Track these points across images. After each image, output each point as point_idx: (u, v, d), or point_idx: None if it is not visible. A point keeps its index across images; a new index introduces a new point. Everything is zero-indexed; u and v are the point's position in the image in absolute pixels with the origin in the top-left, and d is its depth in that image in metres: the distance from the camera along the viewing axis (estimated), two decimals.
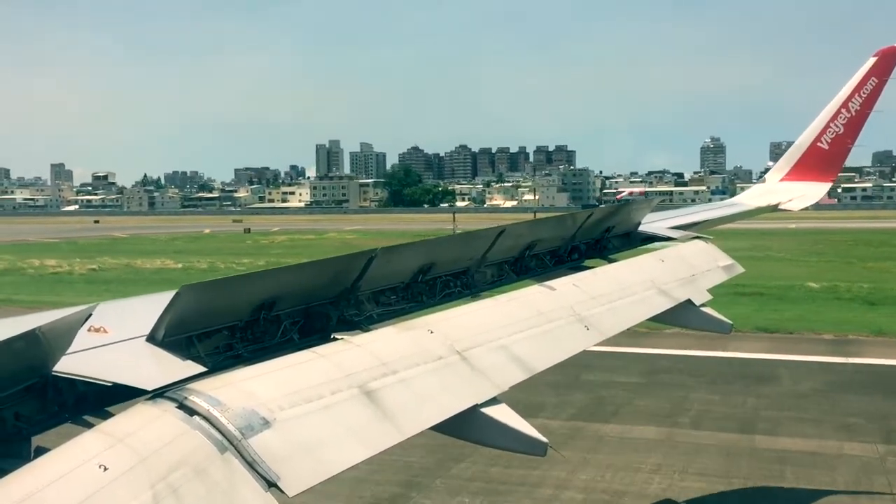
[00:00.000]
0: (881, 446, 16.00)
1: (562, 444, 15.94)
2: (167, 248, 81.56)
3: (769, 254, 57.00)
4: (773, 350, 25.26)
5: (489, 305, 5.92)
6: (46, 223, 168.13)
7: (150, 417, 3.27)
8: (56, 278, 50.96)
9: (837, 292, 37.56)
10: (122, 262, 61.10)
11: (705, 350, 24.27)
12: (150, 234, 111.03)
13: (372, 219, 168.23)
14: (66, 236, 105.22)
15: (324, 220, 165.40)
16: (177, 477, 3.00)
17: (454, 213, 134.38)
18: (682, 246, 9.42)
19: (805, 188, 13.07)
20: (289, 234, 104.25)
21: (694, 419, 18.16)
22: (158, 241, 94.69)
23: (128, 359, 3.77)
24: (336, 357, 4.27)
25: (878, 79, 12.39)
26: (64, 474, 2.78)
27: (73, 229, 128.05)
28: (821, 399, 19.56)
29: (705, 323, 8.12)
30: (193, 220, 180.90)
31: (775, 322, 29.42)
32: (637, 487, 14.12)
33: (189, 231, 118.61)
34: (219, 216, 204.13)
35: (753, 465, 15.20)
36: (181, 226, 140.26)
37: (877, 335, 27.30)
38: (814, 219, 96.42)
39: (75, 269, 56.23)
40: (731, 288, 24.08)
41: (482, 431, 4.62)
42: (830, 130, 12.74)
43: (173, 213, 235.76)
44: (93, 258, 64.91)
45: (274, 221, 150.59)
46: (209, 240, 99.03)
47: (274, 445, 3.41)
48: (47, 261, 62.16)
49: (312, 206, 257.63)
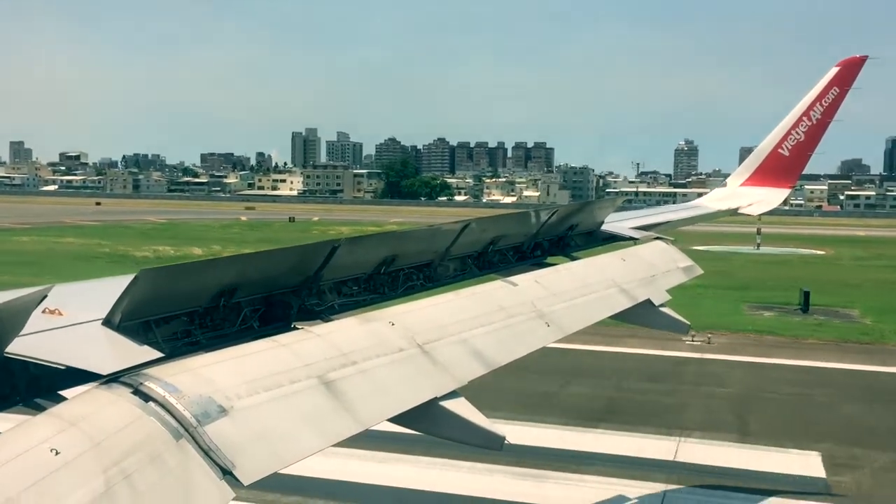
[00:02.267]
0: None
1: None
2: (232, 237, 78.17)
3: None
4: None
5: (451, 299, 5.93)
6: (44, 203, 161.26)
7: (105, 402, 3.23)
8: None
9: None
10: (210, 252, 57.56)
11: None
12: (184, 220, 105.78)
13: (400, 211, 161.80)
14: (96, 219, 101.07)
15: (339, 209, 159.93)
16: (130, 463, 2.97)
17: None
18: (643, 246, 9.53)
19: (765, 193, 13.27)
20: (348, 224, 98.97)
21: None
22: (213, 228, 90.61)
23: (83, 342, 3.71)
24: (296, 346, 4.24)
25: (840, 88, 12.60)
26: (14, 457, 2.73)
27: (86, 212, 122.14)
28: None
29: (664, 323, 8.24)
30: (199, 205, 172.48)
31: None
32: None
33: (217, 218, 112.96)
34: (221, 202, 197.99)
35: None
36: (201, 212, 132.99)
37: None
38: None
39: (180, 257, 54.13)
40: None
41: (440, 425, 4.63)
42: (791, 138, 12.94)
43: (165, 198, 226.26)
44: (178, 247, 63.26)
45: (288, 210, 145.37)
46: (265, 228, 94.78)
47: (230, 433, 3.39)
48: (139, 249, 60.26)
49: (306, 195, 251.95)
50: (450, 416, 4.62)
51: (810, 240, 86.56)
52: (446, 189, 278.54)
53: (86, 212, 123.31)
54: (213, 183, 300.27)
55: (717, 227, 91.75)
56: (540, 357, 7.34)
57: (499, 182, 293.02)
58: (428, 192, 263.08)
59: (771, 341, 29.70)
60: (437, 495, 14.87)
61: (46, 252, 57.19)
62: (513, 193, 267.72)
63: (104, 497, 2.80)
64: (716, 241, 66.57)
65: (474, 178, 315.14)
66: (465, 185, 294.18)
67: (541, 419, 19.33)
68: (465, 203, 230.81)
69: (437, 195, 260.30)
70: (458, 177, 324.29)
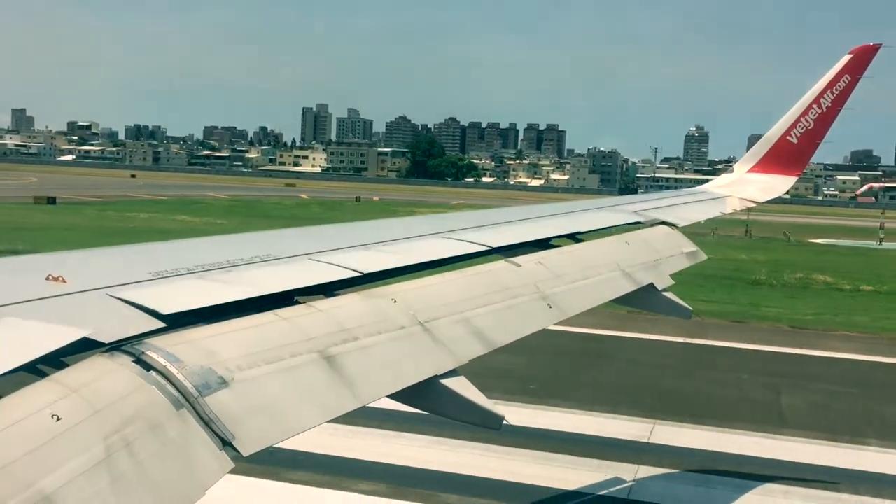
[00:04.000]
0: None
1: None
2: (330, 216, 73.25)
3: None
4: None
5: (453, 278, 5.93)
6: (75, 174, 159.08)
7: (106, 370, 3.24)
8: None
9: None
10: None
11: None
12: (240, 196, 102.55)
13: (436, 191, 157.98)
14: (157, 193, 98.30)
15: (371, 188, 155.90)
16: (131, 431, 2.99)
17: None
18: (647, 230, 9.50)
19: (771, 181, 13.21)
20: (415, 205, 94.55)
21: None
22: (288, 207, 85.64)
23: (85, 310, 3.72)
24: (298, 320, 4.25)
25: (852, 76, 12.50)
26: (15, 422, 2.75)
27: (130, 184, 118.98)
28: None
29: (666, 308, 8.23)
30: (231, 180, 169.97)
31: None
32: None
33: (268, 194, 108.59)
34: (248, 178, 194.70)
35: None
36: (240, 187, 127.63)
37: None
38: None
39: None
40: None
41: (440, 403, 4.65)
42: (800, 125, 12.85)
43: (187, 171, 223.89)
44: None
45: (320, 187, 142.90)
46: (340, 208, 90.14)
47: (230, 405, 3.40)
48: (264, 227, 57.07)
49: (330, 172, 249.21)
50: (449, 394, 4.64)
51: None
52: (473, 170, 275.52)
53: (130, 184, 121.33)
54: (234, 157, 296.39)
55: (828, 220, 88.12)
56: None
57: (522, 164, 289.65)
58: (454, 173, 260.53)
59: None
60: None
61: (194, 231, 53.40)
62: (537, 176, 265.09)
63: (104, 464, 2.82)
64: (829, 234, 64.81)
65: (494, 158, 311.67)
66: (488, 166, 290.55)
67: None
68: (492, 185, 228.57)
69: (464, 176, 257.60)
70: (472, 157, 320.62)
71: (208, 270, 4.55)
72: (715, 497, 14.63)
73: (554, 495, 14.42)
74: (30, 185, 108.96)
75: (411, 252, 5.90)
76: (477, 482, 14.63)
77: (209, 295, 4.14)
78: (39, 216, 64.26)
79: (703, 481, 15.33)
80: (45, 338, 3.23)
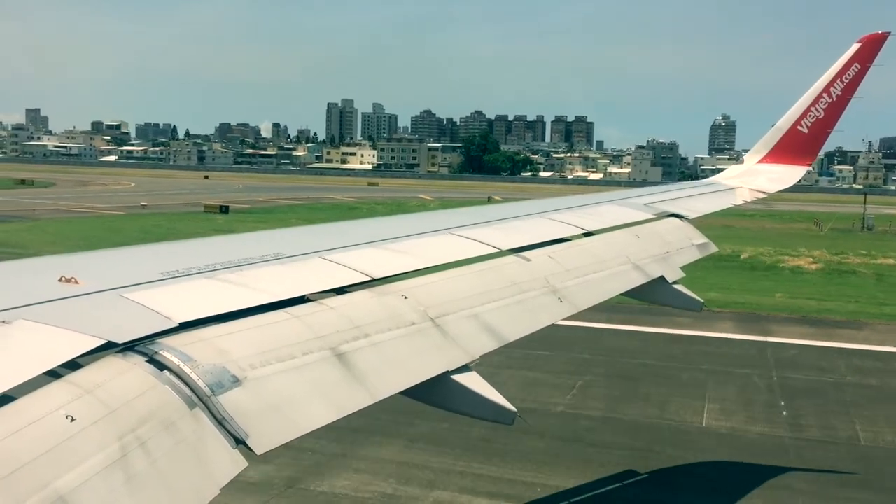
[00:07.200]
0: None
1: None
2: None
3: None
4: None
5: (463, 273, 5.92)
6: (148, 176, 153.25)
7: (120, 370, 3.25)
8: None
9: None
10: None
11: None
12: (372, 198, 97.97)
13: (494, 186, 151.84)
14: (281, 197, 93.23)
15: (435, 186, 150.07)
16: (145, 430, 3.00)
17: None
18: (658, 223, 9.46)
19: (782, 171, 13.14)
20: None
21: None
22: (412, 207, 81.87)
23: (98, 310, 3.73)
24: (309, 318, 4.26)
25: (861, 65, 12.41)
26: (31, 423, 2.77)
27: (217, 188, 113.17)
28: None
29: (677, 300, 8.19)
30: (299, 180, 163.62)
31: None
32: None
33: (364, 196, 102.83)
34: (301, 177, 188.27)
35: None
36: (320, 188, 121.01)
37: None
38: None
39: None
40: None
41: (452, 398, 4.65)
42: (811, 115, 12.77)
43: (233, 170, 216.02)
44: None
45: (398, 185, 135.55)
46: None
47: (244, 403, 3.41)
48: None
49: (381, 169, 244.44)
50: (462, 389, 4.63)
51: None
52: (529, 164, 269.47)
53: (224, 187, 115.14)
54: (281, 155, 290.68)
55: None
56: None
57: (574, 157, 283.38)
58: (510, 167, 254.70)
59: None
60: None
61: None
62: (593, 169, 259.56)
63: (119, 463, 2.83)
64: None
65: (535, 152, 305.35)
66: (536, 160, 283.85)
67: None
68: (551, 179, 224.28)
69: (520, 170, 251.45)
70: (506, 151, 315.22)
71: (219, 270, 4.56)
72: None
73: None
74: (154, 192, 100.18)
75: (422, 252, 5.89)
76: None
77: (220, 297, 4.15)
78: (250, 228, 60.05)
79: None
80: (64, 345, 3.24)
